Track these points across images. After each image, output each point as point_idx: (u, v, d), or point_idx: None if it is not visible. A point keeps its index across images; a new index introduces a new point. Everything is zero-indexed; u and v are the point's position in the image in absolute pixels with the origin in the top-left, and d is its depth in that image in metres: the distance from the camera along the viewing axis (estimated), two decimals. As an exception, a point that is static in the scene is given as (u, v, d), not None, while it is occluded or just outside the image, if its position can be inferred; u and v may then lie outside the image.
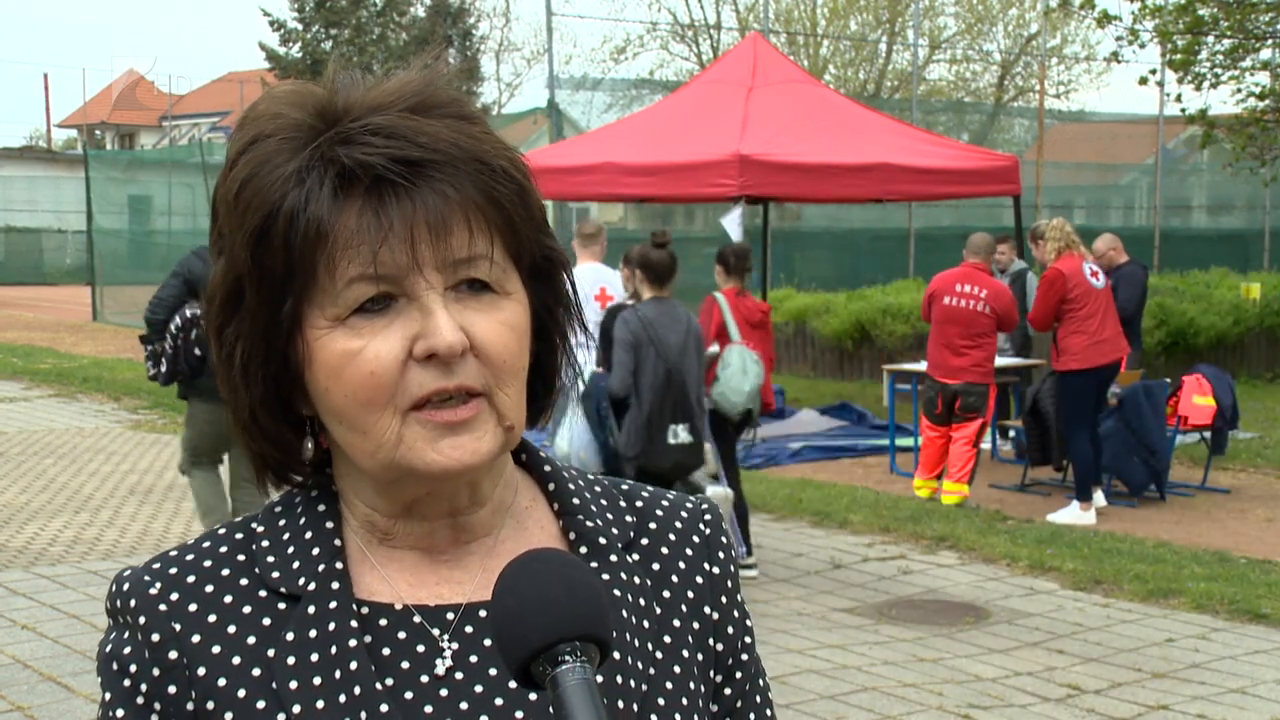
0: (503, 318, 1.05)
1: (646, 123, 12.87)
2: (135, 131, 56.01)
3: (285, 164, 1.03)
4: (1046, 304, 9.13)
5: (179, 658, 1.06)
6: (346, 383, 1.03)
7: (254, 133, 1.06)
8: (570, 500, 1.18)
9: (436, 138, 1.03)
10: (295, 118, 1.05)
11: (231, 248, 1.05)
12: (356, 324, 1.03)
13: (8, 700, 5.66)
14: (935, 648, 6.50)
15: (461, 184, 1.03)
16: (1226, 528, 9.15)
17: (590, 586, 0.97)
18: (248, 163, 1.04)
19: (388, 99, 1.05)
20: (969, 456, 9.46)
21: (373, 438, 1.04)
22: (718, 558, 1.21)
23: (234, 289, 1.05)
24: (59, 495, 9.97)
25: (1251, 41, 16.24)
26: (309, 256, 1.02)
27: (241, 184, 1.04)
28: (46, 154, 43.69)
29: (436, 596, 1.11)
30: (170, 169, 26.56)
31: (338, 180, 1.02)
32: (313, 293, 1.03)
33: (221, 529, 1.14)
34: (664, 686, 1.12)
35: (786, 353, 16.93)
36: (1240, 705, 5.73)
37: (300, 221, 1.01)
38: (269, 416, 1.09)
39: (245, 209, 1.03)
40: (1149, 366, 13.58)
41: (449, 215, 1.02)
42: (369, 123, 1.03)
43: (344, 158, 1.01)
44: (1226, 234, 24.44)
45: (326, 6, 34.85)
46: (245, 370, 1.07)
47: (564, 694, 0.92)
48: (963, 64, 35.36)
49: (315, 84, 1.08)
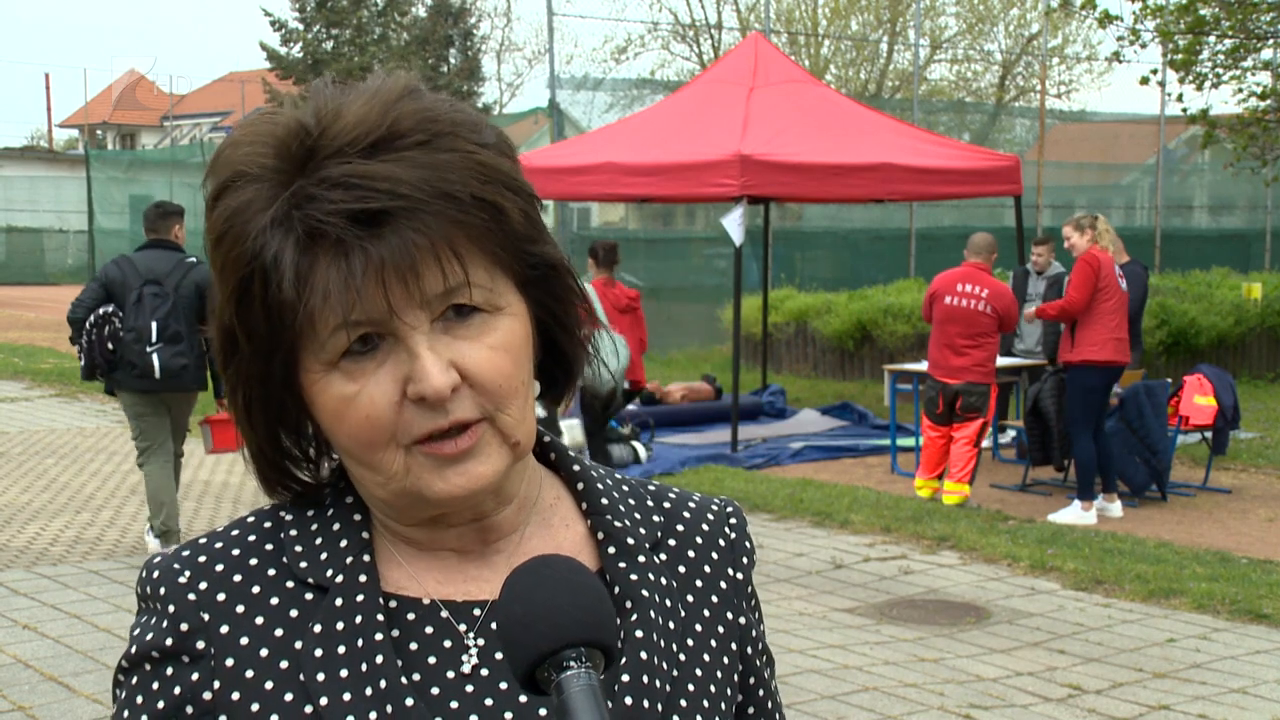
0: (494, 340, 1.05)
1: (648, 123, 12.87)
2: (136, 131, 56.03)
3: (257, 216, 1.02)
4: (1084, 285, 8.91)
5: (206, 647, 1.07)
6: (347, 425, 1.05)
7: (227, 175, 1.05)
8: (599, 500, 1.18)
9: (397, 181, 1.01)
10: (264, 162, 1.04)
11: (220, 296, 1.06)
12: (348, 367, 1.04)
13: (9, 700, 5.66)
14: (936, 648, 6.49)
15: (428, 225, 1.01)
16: (1228, 528, 9.15)
17: (595, 592, 0.97)
18: (223, 213, 1.05)
19: (348, 134, 1.02)
20: (970, 456, 9.46)
21: (381, 472, 1.06)
22: (741, 563, 1.23)
23: (227, 338, 1.07)
24: (60, 495, 9.97)
25: (1253, 41, 16.24)
26: (292, 309, 1.02)
27: (219, 236, 1.05)
28: (48, 154, 43.68)
29: (464, 593, 1.12)
30: (171, 169, 26.61)
31: (305, 238, 1.01)
32: (300, 342, 1.04)
33: (250, 517, 1.15)
34: (687, 688, 1.12)
35: (788, 353, 16.94)
36: (1241, 705, 5.73)
37: (273, 281, 1.01)
38: (275, 449, 1.11)
39: (224, 264, 1.04)
40: (1150, 366, 13.59)
41: (417, 259, 1.01)
42: (326, 175, 1.01)
43: (311, 211, 1.01)
44: (1228, 234, 24.41)
45: (328, 6, 34.84)
46: (248, 411, 1.10)
47: (568, 700, 0.92)
48: (964, 64, 35.37)
49: (282, 113, 1.06)
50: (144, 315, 7.53)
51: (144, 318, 7.53)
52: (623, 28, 34.63)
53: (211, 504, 9.69)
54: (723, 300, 16.93)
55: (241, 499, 9.85)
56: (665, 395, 13.38)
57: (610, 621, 0.97)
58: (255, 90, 40.64)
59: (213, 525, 8.90)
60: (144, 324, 7.52)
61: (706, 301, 18.39)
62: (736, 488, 9.99)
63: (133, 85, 55.17)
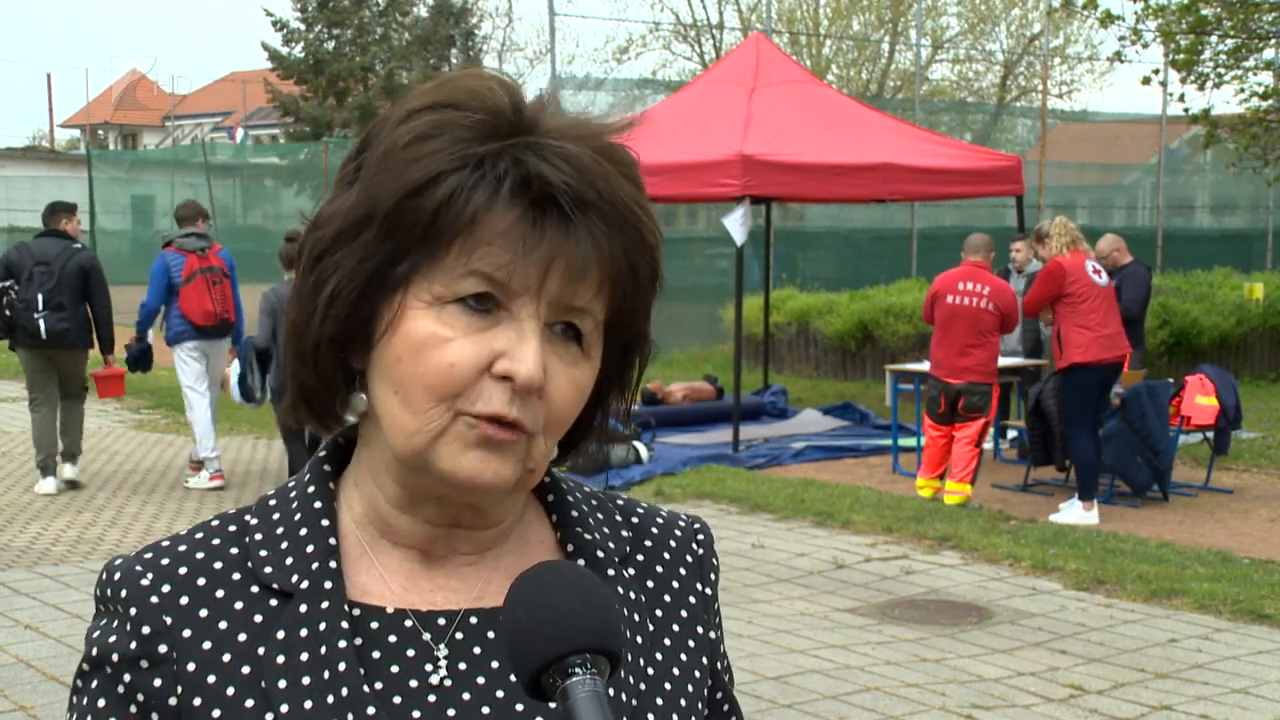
0: (577, 375, 1.06)
1: (649, 123, 12.86)
2: (138, 131, 56.06)
3: (471, 141, 1.03)
4: (1042, 293, 9.11)
5: (168, 651, 1.06)
6: (423, 362, 1.03)
7: (448, 97, 1.06)
8: (569, 513, 1.18)
9: (614, 188, 1.04)
10: (495, 104, 1.05)
11: (376, 188, 1.04)
12: (454, 314, 1.03)
13: (11, 700, 5.66)
14: (938, 648, 6.49)
15: (614, 240, 1.04)
16: (1229, 528, 9.14)
17: (603, 598, 0.97)
18: (434, 122, 1.04)
19: (585, 132, 1.06)
20: (971, 456, 9.46)
21: (418, 420, 1.04)
22: (709, 579, 1.23)
23: (358, 224, 1.04)
24: (61, 495, 9.97)
25: (1255, 41, 16.23)
26: (450, 234, 1.02)
27: (419, 136, 1.04)
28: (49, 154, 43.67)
29: (429, 603, 1.11)
30: (173, 169, 26.59)
31: (514, 183, 1.02)
32: (432, 266, 1.03)
33: (215, 520, 1.14)
34: (654, 702, 1.12)
35: (789, 353, 16.94)
36: (1243, 706, 5.72)
37: (460, 200, 1.01)
38: (331, 355, 1.08)
39: (413, 160, 1.03)
40: (1152, 366, 13.58)
41: (589, 263, 1.03)
42: (562, 147, 1.03)
43: (531, 166, 1.02)
44: (1230, 234, 24.39)
45: (329, 6, 34.85)
46: (330, 303, 1.05)
47: (574, 706, 0.92)
48: (965, 64, 35.34)
49: (514, 85, 1.09)
50: (33, 289, 9.60)
51: (33, 291, 9.60)
52: (624, 28, 34.63)
53: (213, 504, 9.70)
54: (724, 300, 16.93)
55: (242, 499, 9.86)
56: (667, 395, 13.38)
57: (616, 628, 0.97)
58: (256, 90, 40.66)
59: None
60: (33, 296, 9.59)
61: (708, 301, 18.39)
62: (738, 488, 9.99)
63: (134, 85, 55.22)
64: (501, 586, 1.06)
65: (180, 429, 12.82)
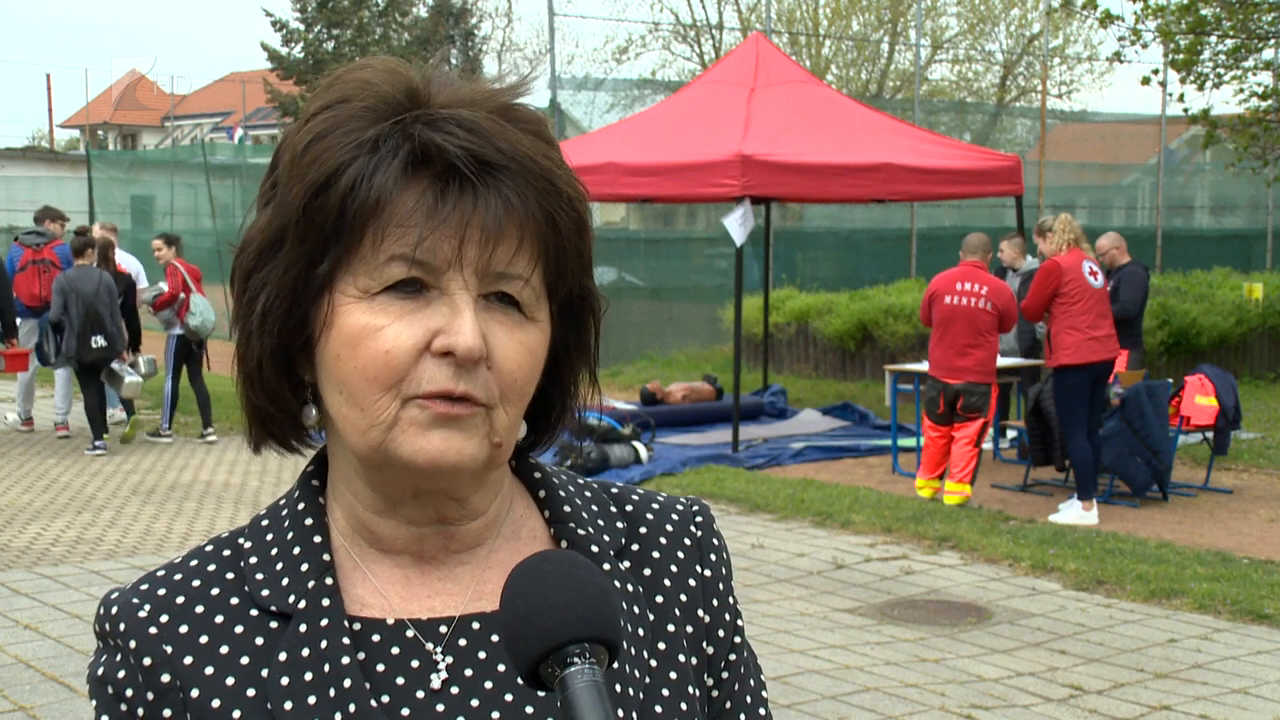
0: (524, 339, 1.05)
1: (649, 123, 12.87)
2: (137, 132, 56.02)
3: (363, 130, 1.03)
4: (1040, 294, 9.13)
5: (172, 680, 1.06)
6: (360, 356, 1.03)
7: (340, 94, 1.06)
8: (561, 508, 1.17)
9: (516, 145, 1.03)
10: (384, 90, 1.05)
11: (285, 197, 1.05)
12: (384, 302, 1.02)
13: (10, 700, 5.67)
14: (937, 648, 6.49)
15: (527, 197, 1.03)
16: (1229, 528, 9.14)
17: (599, 588, 0.97)
18: (325, 120, 1.05)
19: (478, 97, 1.05)
20: (971, 456, 9.46)
21: (369, 415, 1.03)
22: (709, 560, 1.21)
23: (275, 237, 1.05)
24: (61, 495, 9.97)
25: (1254, 41, 16.23)
26: (360, 223, 1.02)
27: (315, 138, 1.04)
28: (49, 154, 43.61)
29: (429, 609, 1.10)
30: (173, 169, 26.55)
31: (409, 158, 1.02)
32: (351, 260, 1.03)
33: (209, 545, 1.14)
34: (660, 693, 1.11)
35: (789, 353, 16.94)
36: (1243, 706, 5.72)
37: (362, 187, 1.01)
38: (274, 370, 1.08)
39: (311, 162, 1.03)
40: (1151, 366, 13.59)
41: (505, 224, 1.02)
42: (455, 114, 1.03)
43: (423, 138, 1.02)
44: (1229, 234, 24.38)
45: (329, 7, 34.83)
46: (264, 318, 1.06)
47: (572, 696, 0.92)
48: (965, 64, 35.33)
49: (408, 68, 1.08)
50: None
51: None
52: (624, 28, 34.57)
53: (213, 504, 9.69)
54: (724, 300, 16.93)
55: (242, 499, 9.85)
56: (666, 395, 13.38)
57: (614, 617, 0.96)
58: (256, 90, 40.65)
59: (213, 526, 8.92)
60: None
61: (708, 302, 18.39)
62: (737, 488, 9.99)
63: (134, 85, 55.14)
64: (497, 584, 1.05)
65: (180, 429, 12.83)
